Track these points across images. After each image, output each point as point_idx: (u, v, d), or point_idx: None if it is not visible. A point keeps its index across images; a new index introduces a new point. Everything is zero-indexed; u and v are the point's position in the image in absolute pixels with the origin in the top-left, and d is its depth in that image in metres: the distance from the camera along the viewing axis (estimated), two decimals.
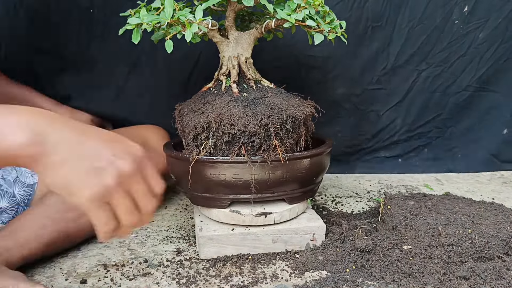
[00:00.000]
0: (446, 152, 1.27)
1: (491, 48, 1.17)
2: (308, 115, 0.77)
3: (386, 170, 1.25)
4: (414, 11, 1.12)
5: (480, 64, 1.18)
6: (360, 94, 1.18)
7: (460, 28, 1.15)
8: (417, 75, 1.18)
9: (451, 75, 1.19)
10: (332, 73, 1.15)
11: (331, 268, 0.70)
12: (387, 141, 1.24)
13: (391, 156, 1.26)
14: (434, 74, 1.19)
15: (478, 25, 1.15)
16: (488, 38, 1.16)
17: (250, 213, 0.75)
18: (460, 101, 1.22)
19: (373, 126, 1.22)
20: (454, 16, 1.14)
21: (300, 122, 0.75)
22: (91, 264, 0.74)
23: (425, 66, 1.17)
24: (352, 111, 1.20)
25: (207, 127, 0.71)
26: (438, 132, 1.25)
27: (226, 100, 0.72)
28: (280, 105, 0.72)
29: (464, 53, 1.17)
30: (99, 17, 1.02)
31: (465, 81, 1.20)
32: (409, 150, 1.26)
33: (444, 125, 1.25)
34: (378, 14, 1.11)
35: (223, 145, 0.71)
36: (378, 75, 1.17)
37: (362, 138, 1.23)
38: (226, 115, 0.70)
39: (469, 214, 0.80)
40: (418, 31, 1.14)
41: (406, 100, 1.20)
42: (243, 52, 0.77)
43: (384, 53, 1.15)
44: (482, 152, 1.26)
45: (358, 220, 0.88)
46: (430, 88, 1.20)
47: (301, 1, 0.71)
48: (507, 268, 0.67)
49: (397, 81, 1.18)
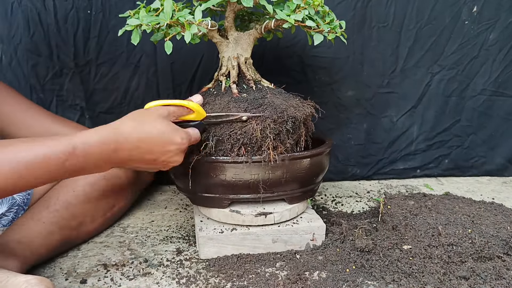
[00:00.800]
0: (465, 162, 1.23)
1: (503, 49, 1.14)
2: (308, 115, 0.77)
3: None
4: (421, 12, 1.09)
5: (494, 66, 1.15)
6: (371, 98, 1.14)
7: (470, 28, 1.11)
8: (430, 78, 1.14)
9: (465, 78, 1.15)
10: (338, 74, 1.12)
11: (331, 268, 0.70)
12: (404, 150, 1.19)
13: (410, 168, 1.21)
14: (448, 77, 1.14)
15: (488, 25, 1.11)
16: (499, 39, 1.13)
17: (250, 213, 0.75)
18: (477, 106, 1.18)
19: (388, 133, 1.17)
20: (463, 17, 1.10)
21: (300, 123, 0.75)
22: (91, 264, 0.74)
23: (437, 68, 1.14)
24: (363, 116, 1.15)
25: (207, 127, 0.71)
26: (458, 140, 1.20)
27: (226, 101, 0.72)
28: (280, 105, 0.72)
29: (477, 55, 1.14)
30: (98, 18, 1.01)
31: (480, 84, 1.16)
32: (429, 161, 1.21)
33: (465, 133, 1.20)
34: (383, 14, 1.08)
35: (223, 146, 0.72)
36: (388, 78, 1.13)
37: (378, 147, 1.18)
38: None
39: (469, 214, 0.80)
40: (427, 32, 1.10)
41: (420, 105, 1.16)
42: (243, 52, 0.77)
43: (392, 54, 1.11)
44: (500, 159, 1.23)
45: (358, 220, 0.88)
46: (445, 92, 1.16)
47: (300, 1, 0.71)
48: (507, 268, 0.67)
49: (409, 84, 1.14)
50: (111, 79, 1.06)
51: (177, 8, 0.68)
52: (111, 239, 0.83)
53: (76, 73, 1.04)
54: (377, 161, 1.19)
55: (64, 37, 1.01)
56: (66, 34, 1.01)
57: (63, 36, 1.01)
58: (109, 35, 1.02)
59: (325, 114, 0.77)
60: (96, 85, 1.06)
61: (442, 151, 1.20)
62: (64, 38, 1.01)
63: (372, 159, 1.19)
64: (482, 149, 1.21)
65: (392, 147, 1.19)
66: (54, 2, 0.99)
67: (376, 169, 1.20)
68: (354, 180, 1.20)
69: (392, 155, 1.19)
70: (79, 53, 1.03)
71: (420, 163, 1.21)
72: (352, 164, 1.19)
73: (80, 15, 1.01)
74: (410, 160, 1.20)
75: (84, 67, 1.04)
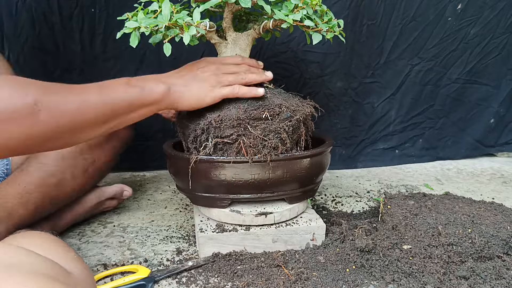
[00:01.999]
0: (438, 141, 1.36)
1: (481, 43, 1.23)
2: (308, 115, 0.77)
3: (386, 163, 1.33)
4: (408, 9, 1.18)
5: (470, 58, 1.26)
6: (357, 87, 1.24)
7: (452, 24, 1.20)
8: (409, 69, 1.24)
9: (442, 68, 1.26)
10: (330, 68, 1.19)
11: (331, 268, 0.70)
12: (383, 131, 1.31)
13: (389, 147, 1.33)
14: (426, 68, 1.25)
15: (470, 21, 1.21)
16: (479, 33, 1.22)
17: (250, 212, 0.75)
18: (450, 93, 1.30)
19: (369, 117, 1.28)
20: (447, 14, 1.19)
21: (300, 122, 0.75)
22: (91, 264, 0.74)
23: (417, 60, 1.24)
24: (349, 103, 1.26)
25: (206, 128, 0.71)
26: (430, 122, 1.32)
27: (226, 101, 0.72)
28: (280, 105, 0.72)
29: (455, 48, 1.24)
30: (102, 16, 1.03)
31: (455, 74, 1.27)
32: (405, 141, 1.33)
33: (437, 116, 1.32)
34: (373, 12, 1.16)
35: (224, 146, 0.72)
36: (373, 69, 1.22)
37: (360, 129, 1.29)
38: (226, 116, 0.70)
39: (469, 213, 0.80)
40: (411, 28, 1.19)
41: (399, 92, 1.27)
42: (241, 52, 0.77)
43: (378, 48, 1.20)
44: (469, 139, 1.37)
45: (358, 220, 0.88)
46: (422, 81, 1.26)
47: (298, 1, 0.71)
48: (507, 268, 0.67)
49: (390, 74, 1.24)
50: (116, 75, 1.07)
51: (175, 10, 0.67)
52: (111, 239, 0.84)
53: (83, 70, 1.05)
54: (360, 141, 1.31)
55: (70, 34, 1.02)
56: (71, 32, 1.03)
57: (69, 34, 1.02)
58: (113, 32, 1.04)
59: (315, 103, 0.80)
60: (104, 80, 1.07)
61: (416, 131, 1.33)
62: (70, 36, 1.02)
63: (355, 140, 1.30)
64: (453, 129, 1.35)
65: (372, 129, 1.30)
66: (59, 1, 1.00)
67: (359, 149, 1.32)
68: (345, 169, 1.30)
69: (372, 136, 1.31)
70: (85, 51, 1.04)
71: (397, 143, 1.33)
72: (338, 145, 1.29)
73: (84, 13, 1.02)
74: (388, 141, 1.33)
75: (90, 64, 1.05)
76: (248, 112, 0.70)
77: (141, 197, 1.07)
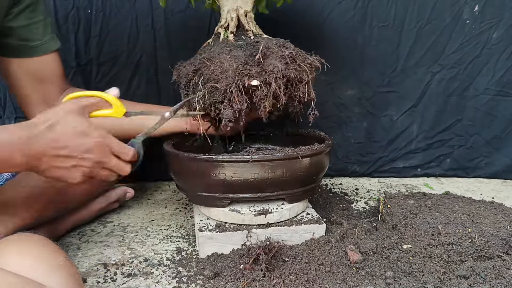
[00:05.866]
0: (470, 162, 1.21)
1: (508, 49, 1.12)
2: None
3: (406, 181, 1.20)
4: (422, 11, 1.09)
5: (497, 66, 1.13)
6: (371, 97, 1.15)
7: (472, 28, 1.11)
8: (430, 78, 1.14)
9: (467, 77, 1.14)
10: (339, 74, 1.12)
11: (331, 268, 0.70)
12: (403, 149, 1.19)
13: (411, 166, 1.21)
14: (449, 77, 1.14)
15: (491, 24, 1.10)
16: (503, 38, 1.11)
17: (250, 212, 0.75)
18: (480, 106, 1.16)
19: (387, 132, 1.18)
20: (464, 16, 1.10)
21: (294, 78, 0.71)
22: (91, 264, 0.74)
23: (438, 68, 1.13)
24: (363, 115, 1.16)
25: (197, 69, 0.70)
26: (460, 140, 1.19)
27: (220, 47, 0.72)
28: None
29: (479, 54, 1.13)
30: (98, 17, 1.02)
31: (483, 84, 1.15)
32: (430, 160, 1.21)
33: (467, 133, 1.18)
34: (383, 14, 1.09)
35: (216, 99, 0.69)
36: (389, 77, 1.13)
37: (377, 145, 1.19)
38: (217, 55, 0.69)
39: (469, 213, 0.80)
40: (428, 31, 1.11)
41: (420, 104, 1.16)
42: (243, 5, 0.76)
43: (393, 54, 1.12)
44: (507, 160, 1.20)
45: (358, 220, 0.88)
46: (446, 91, 1.15)
47: None
48: (506, 267, 0.67)
49: (409, 83, 1.14)
50: (112, 78, 1.06)
51: None
52: (111, 239, 0.84)
53: (78, 72, 1.04)
54: (377, 159, 1.20)
55: (65, 36, 1.01)
56: (66, 34, 1.02)
57: (64, 35, 1.01)
58: (109, 34, 1.03)
59: (325, 113, 0.76)
60: (98, 84, 1.06)
61: (443, 150, 1.20)
62: (65, 37, 1.01)
63: (371, 157, 1.20)
64: (487, 149, 1.20)
65: (391, 146, 1.19)
66: (55, 1, 0.99)
67: (376, 166, 1.21)
68: (354, 177, 1.21)
69: (392, 153, 1.20)
70: (80, 52, 1.03)
71: (421, 162, 1.21)
72: (352, 162, 1.19)
73: (80, 14, 1.01)
74: (410, 159, 1.21)
75: (85, 66, 1.04)
76: (239, 53, 0.69)
77: (141, 197, 1.07)
